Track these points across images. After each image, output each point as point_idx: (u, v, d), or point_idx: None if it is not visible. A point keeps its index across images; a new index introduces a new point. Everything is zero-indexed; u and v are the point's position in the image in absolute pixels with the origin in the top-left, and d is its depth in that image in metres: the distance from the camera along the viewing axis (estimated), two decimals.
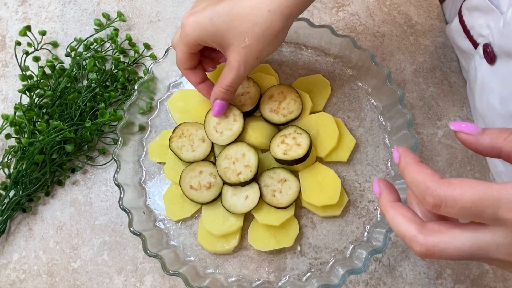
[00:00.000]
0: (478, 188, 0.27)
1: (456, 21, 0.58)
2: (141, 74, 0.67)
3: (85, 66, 0.63)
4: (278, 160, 0.54)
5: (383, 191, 0.35)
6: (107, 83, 0.64)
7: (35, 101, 0.62)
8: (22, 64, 0.63)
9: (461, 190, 0.27)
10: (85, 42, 0.67)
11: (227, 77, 0.49)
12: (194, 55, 0.50)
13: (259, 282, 0.54)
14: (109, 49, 0.67)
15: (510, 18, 0.45)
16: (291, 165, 0.54)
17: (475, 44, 0.54)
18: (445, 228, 0.30)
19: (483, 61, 0.52)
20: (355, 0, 0.69)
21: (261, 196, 0.54)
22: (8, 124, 0.61)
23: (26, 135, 0.59)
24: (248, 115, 0.58)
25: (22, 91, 0.61)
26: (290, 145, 0.54)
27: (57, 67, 0.65)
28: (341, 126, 0.58)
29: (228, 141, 0.55)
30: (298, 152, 0.53)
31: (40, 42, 0.66)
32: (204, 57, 0.54)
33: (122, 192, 0.54)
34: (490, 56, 0.49)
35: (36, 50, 0.64)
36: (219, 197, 0.55)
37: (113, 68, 0.64)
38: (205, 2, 0.48)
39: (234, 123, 0.56)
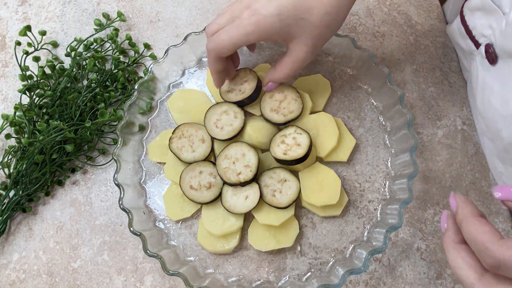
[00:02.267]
0: None
1: (457, 21, 0.58)
2: (141, 74, 0.67)
3: (85, 66, 0.63)
4: (278, 160, 0.54)
5: (449, 230, 0.35)
6: (107, 83, 0.64)
7: (35, 101, 0.62)
8: (22, 64, 0.63)
9: None
10: (85, 42, 0.67)
11: (290, 67, 0.50)
12: (238, 47, 0.49)
13: (259, 282, 0.54)
14: (109, 49, 0.67)
15: None
16: (291, 165, 0.54)
17: (477, 44, 0.54)
18: (502, 284, 0.29)
19: (485, 62, 0.52)
20: None
21: (261, 196, 0.54)
22: (8, 124, 0.61)
23: (26, 135, 0.59)
24: (249, 103, 0.58)
25: (22, 91, 0.61)
26: (290, 145, 0.54)
27: (57, 67, 0.65)
28: (341, 126, 0.58)
29: (228, 136, 0.55)
30: (298, 152, 0.53)
31: (40, 42, 0.66)
32: None
33: (122, 192, 0.54)
34: (492, 56, 0.49)
35: (36, 50, 0.64)
36: (219, 197, 0.55)
37: (113, 68, 0.64)
38: None
39: (234, 120, 0.56)
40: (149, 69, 0.60)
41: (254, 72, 0.58)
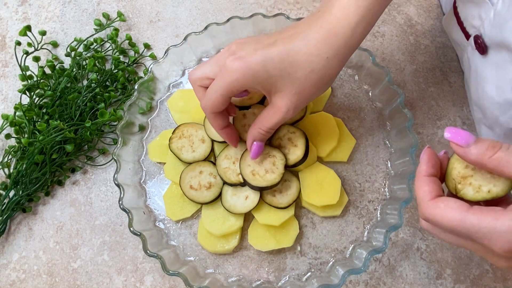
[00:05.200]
0: (455, 216, 0.33)
1: (451, 12, 0.59)
2: (141, 74, 0.67)
3: (85, 66, 0.63)
4: None
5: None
6: (107, 83, 0.64)
7: (35, 101, 0.62)
8: (22, 64, 0.63)
9: (441, 215, 0.34)
10: (85, 42, 0.67)
11: (270, 120, 0.47)
12: (228, 99, 0.46)
13: (259, 282, 0.54)
14: (109, 49, 0.67)
15: (500, 9, 0.46)
16: (293, 167, 0.54)
17: (468, 36, 0.55)
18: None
19: (476, 52, 0.52)
20: None
21: (261, 196, 0.54)
22: (8, 124, 0.61)
23: (26, 135, 0.59)
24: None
25: (22, 91, 0.61)
26: (287, 148, 0.54)
27: (57, 67, 0.65)
28: (341, 126, 0.58)
29: None
30: (297, 154, 0.53)
31: (40, 42, 0.66)
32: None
33: (122, 192, 0.54)
34: (482, 47, 0.50)
35: (36, 50, 0.64)
36: (219, 197, 0.55)
37: (113, 68, 0.64)
38: (251, 45, 0.44)
39: None
40: (149, 69, 0.60)
41: None
